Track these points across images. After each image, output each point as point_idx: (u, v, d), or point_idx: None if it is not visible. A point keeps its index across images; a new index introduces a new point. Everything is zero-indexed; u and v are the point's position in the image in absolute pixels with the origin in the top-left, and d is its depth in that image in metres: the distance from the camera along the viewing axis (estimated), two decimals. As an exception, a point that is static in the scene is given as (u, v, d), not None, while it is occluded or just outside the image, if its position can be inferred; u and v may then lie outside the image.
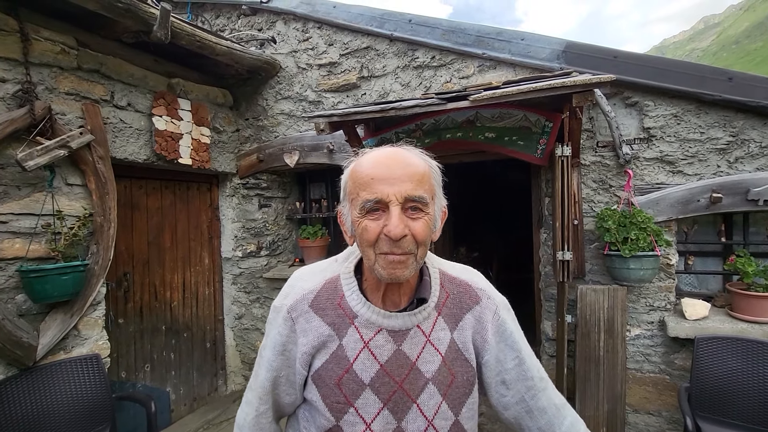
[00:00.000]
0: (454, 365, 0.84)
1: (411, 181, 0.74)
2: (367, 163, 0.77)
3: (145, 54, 2.81)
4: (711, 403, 2.13)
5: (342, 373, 0.81)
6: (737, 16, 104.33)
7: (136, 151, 2.70)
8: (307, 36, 3.29)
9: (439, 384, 0.82)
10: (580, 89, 1.79)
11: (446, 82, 2.92)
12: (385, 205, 0.73)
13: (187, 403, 3.26)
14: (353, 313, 0.83)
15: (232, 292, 3.61)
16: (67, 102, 2.32)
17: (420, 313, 0.84)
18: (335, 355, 0.82)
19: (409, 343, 0.82)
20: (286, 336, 0.84)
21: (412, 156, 0.78)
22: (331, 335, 0.82)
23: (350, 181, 0.79)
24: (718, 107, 2.31)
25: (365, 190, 0.74)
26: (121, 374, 2.79)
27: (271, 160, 3.40)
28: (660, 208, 2.40)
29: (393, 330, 0.82)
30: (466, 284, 0.90)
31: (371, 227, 0.74)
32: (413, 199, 0.74)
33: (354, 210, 0.77)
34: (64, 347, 2.27)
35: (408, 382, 0.81)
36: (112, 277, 2.70)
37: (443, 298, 0.87)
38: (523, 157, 2.62)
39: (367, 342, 0.82)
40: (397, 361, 0.81)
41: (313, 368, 0.83)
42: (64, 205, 2.26)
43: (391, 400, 0.80)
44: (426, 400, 0.81)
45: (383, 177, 0.74)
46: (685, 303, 2.37)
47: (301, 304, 0.85)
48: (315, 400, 0.82)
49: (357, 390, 0.80)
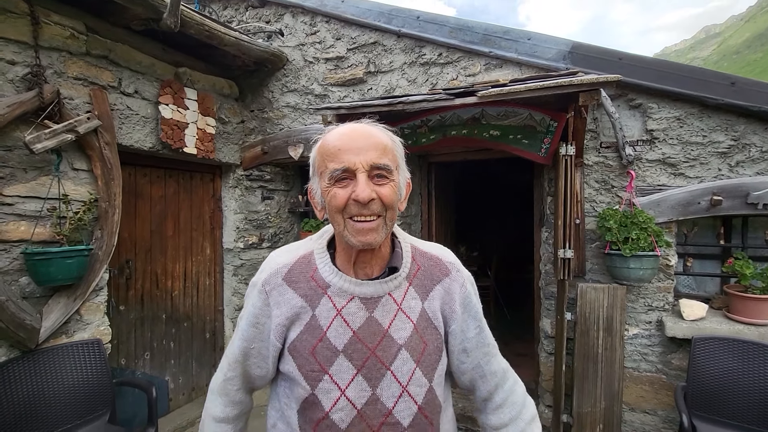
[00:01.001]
0: (425, 333, 0.87)
1: (375, 150, 0.79)
2: (333, 137, 0.82)
3: (153, 42, 2.81)
4: (707, 402, 2.16)
5: (316, 342, 0.83)
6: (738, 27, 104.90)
7: (142, 138, 2.70)
8: (314, 30, 3.30)
9: (411, 350, 0.84)
10: (587, 88, 1.81)
11: (452, 79, 2.94)
12: (352, 173, 0.78)
13: (185, 393, 3.27)
14: (326, 283, 0.86)
15: (232, 283, 3.62)
16: (75, 87, 2.33)
17: (391, 281, 0.87)
18: (309, 326, 0.84)
19: (380, 311, 0.85)
20: (260, 308, 0.87)
21: (375, 129, 0.83)
22: (304, 307, 0.84)
23: (318, 155, 0.84)
24: (720, 111, 2.34)
25: (333, 161, 0.79)
26: (120, 361, 2.80)
27: (276, 152, 3.40)
28: (661, 210, 2.43)
29: (365, 297, 0.85)
30: (436, 258, 0.94)
31: (340, 194, 0.78)
32: (378, 166, 0.78)
33: (323, 181, 0.81)
34: (66, 331, 2.28)
35: (381, 349, 0.83)
36: (114, 264, 2.70)
37: (414, 270, 0.90)
38: (527, 156, 2.65)
39: (340, 309, 0.84)
40: (369, 328, 0.84)
41: (288, 340, 0.85)
42: (69, 190, 2.27)
43: (365, 366, 0.82)
44: (399, 366, 0.83)
45: (349, 147, 0.78)
46: (683, 304, 2.40)
47: (274, 277, 0.87)
48: (291, 371, 0.84)
49: (330, 357, 0.82)
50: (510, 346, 4.43)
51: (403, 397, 0.82)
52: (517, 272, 6.32)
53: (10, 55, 2.04)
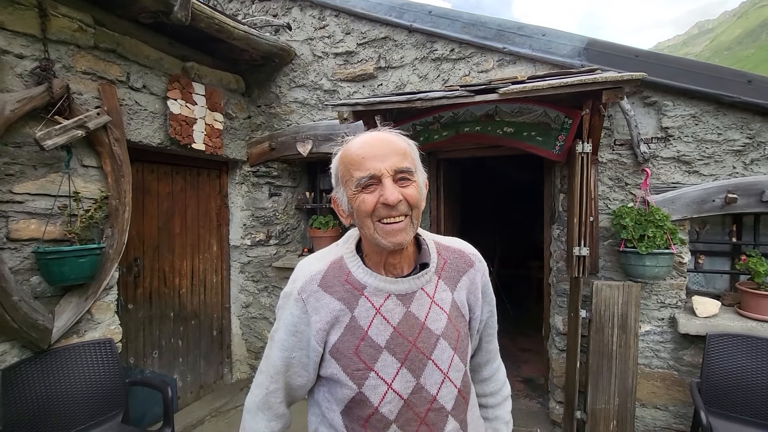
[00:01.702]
0: (457, 322, 0.93)
1: (397, 155, 0.83)
2: (356, 147, 0.85)
3: (161, 36, 2.75)
4: (721, 398, 2.18)
5: (358, 342, 0.85)
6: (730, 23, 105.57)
7: (151, 134, 2.65)
8: (323, 24, 3.25)
9: (448, 339, 0.89)
10: (611, 86, 1.80)
11: (465, 75, 2.91)
12: (377, 179, 0.82)
13: (193, 391, 3.24)
14: (361, 284, 0.88)
15: (239, 280, 3.59)
16: (83, 81, 2.27)
17: (423, 276, 0.91)
18: (349, 327, 0.86)
19: (416, 305, 0.89)
20: (298, 317, 0.88)
21: (393, 135, 0.87)
22: (342, 309, 0.87)
23: (341, 165, 0.87)
24: (736, 109, 2.34)
25: (358, 169, 0.82)
26: (129, 360, 2.77)
27: (283, 148, 3.36)
28: (675, 207, 2.44)
29: (400, 294, 0.89)
30: (459, 251, 1.00)
31: (368, 199, 0.82)
32: (402, 170, 0.83)
33: (349, 189, 0.85)
34: (77, 331, 2.24)
35: (420, 341, 0.87)
36: (123, 262, 2.66)
37: (441, 264, 0.95)
38: (541, 153, 2.64)
39: (378, 308, 0.87)
40: (407, 322, 0.87)
41: (329, 344, 0.87)
42: (80, 187, 2.22)
43: (408, 358, 0.86)
44: (439, 355, 0.88)
45: (373, 155, 0.82)
46: (696, 301, 2.42)
47: (310, 285, 0.89)
48: (335, 373, 0.86)
49: (374, 354, 0.85)
50: (515, 342, 4.46)
51: (445, 383, 0.88)
52: (519, 268, 6.34)
53: (18, 49, 1.99)
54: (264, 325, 3.55)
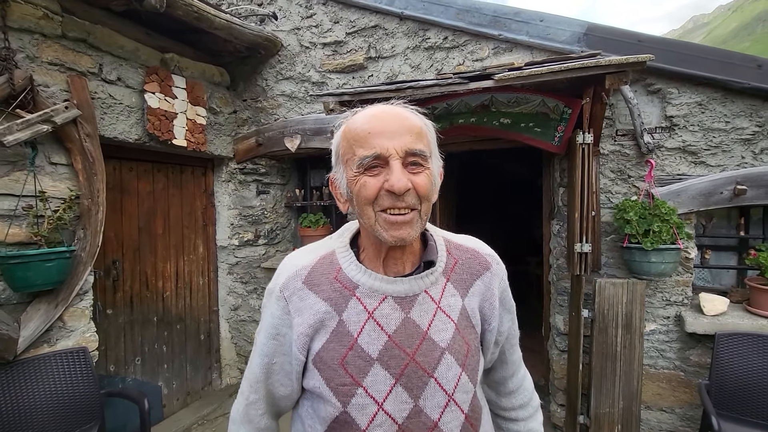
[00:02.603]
0: (466, 333, 0.79)
1: (410, 134, 0.70)
2: (362, 119, 0.72)
3: (137, 26, 2.59)
4: (731, 401, 2.07)
5: (346, 351, 0.73)
6: (726, 17, 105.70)
7: (127, 129, 2.50)
8: (311, 12, 3.10)
9: (455, 354, 0.75)
10: (615, 70, 1.67)
11: (459, 64, 2.77)
12: (384, 160, 0.69)
13: (180, 398, 3.11)
14: (353, 283, 0.76)
15: (227, 282, 3.45)
16: (50, 73, 2.12)
17: (427, 277, 0.77)
18: (336, 333, 0.74)
19: (418, 311, 0.75)
20: (279, 318, 0.77)
21: (408, 111, 0.74)
22: (328, 312, 0.74)
23: (343, 140, 0.74)
24: (745, 96, 2.22)
25: (362, 147, 0.70)
26: (109, 368, 2.63)
27: (271, 144, 3.22)
28: (681, 200, 2.32)
29: (399, 297, 0.75)
30: (473, 250, 0.86)
31: (370, 183, 0.69)
32: (414, 152, 0.69)
33: (349, 170, 0.72)
34: (48, 340, 2.10)
35: (421, 354, 0.73)
36: (100, 265, 2.52)
37: (451, 264, 0.82)
38: (539, 145, 2.51)
39: (372, 312, 0.74)
40: (406, 331, 0.74)
41: (312, 351, 0.75)
42: (47, 186, 2.07)
43: (404, 374, 0.72)
44: (444, 372, 0.74)
45: (381, 131, 0.69)
46: (703, 298, 2.30)
47: (293, 281, 0.77)
48: (318, 386, 0.74)
49: (364, 367, 0.72)
50: (514, 341, 4.34)
51: (449, 407, 0.73)
52: (517, 264, 6.24)
53: (-26, 37, 1.83)
54: (253, 327, 3.42)
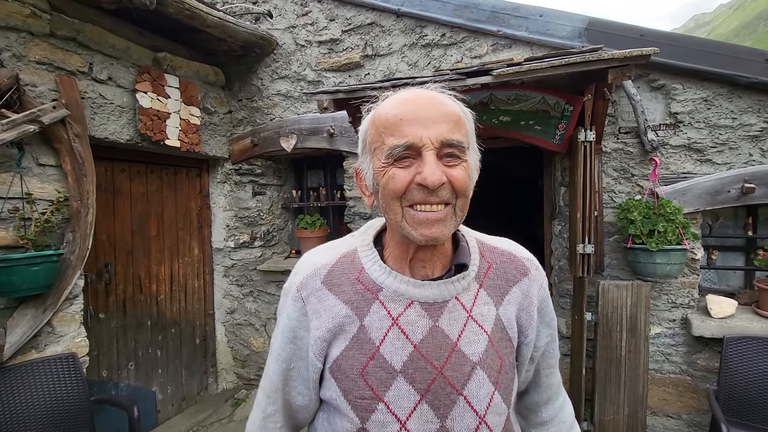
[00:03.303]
0: (500, 347, 0.71)
1: (447, 122, 0.62)
2: (393, 104, 0.65)
3: (128, 24, 2.54)
4: (741, 407, 2.00)
5: (366, 360, 0.66)
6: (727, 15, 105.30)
7: (118, 130, 2.45)
8: (306, 10, 3.05)
9: (488, 369, 0.68)
10: (618, 64, 1.60)
11: (457, 62, 2.71)
12: (416, 151, 0.62)
13: (175, 403, 3.05)
14: (376, 285, 0.69)
15: (223, 284, 3.40)
16: (38, 72, 2.07)
17: (458, 281, 0.70)
18: (357, 339, 0.67)
19: (447, 319, 0.68)
20: (296, 320, 0.71)
21: (445, 97, 0.66)
22: (349, 315, 0.68)
23: (371, 128, 0.67)
24: (752, 91, 2.15)
25: (393, 135, 0.62)
26: (102, 373, 2.57)
27: (267, 144, 3.17)
28: (686, 199, 2.25)
29: (427, 302, 0.68)
30: (509, 253, 0.78)
31: (400, 175, 0.62)
32: (451, 143, 0.62)
33: (377, 160, 0.65)
34: (36, 346, 2.05)
35: (450, 368, 0.66)
36: (91, 268, 2.46)
37: (485, 268, 0.74)
38: (540, 143, 2.45)
39: (396, 318, 0.67)
40: (434, 341, 0.67)
41: (330, 358, 0.69)
42: (35, 188, 2.02)
43: (431, 390, 0.65)
44: (475, 390, 0.66)
45: (414, 117, 0.62)
46: (711, 300, 2.23)
47: (312, 280, 0.71)
48: (334, 398, 0.68)
49: (387, 379, 0.65)
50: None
51: (480, 430, 0.66)
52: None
53: (-43, 35, 1.79)
54: (250, 331, 3.36)
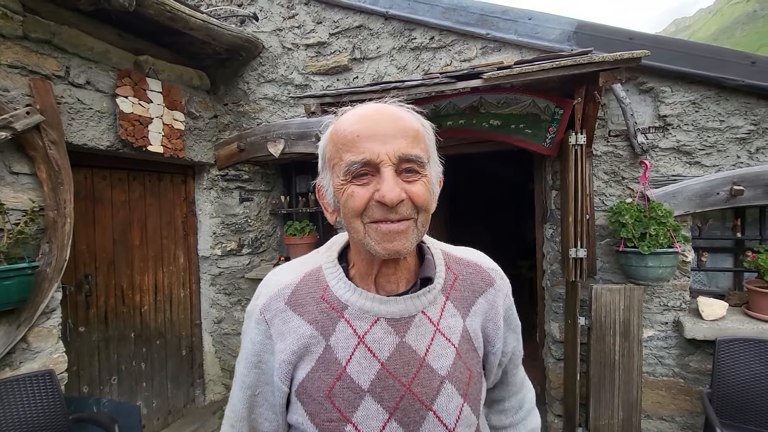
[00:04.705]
0: (468, 358, 0.72)
1: (405, 138, 0.62)
2: (351, 119, 0.64)
3: (108, 27, 2.46)
4: (734, 409, 2.00)
5: (333, 381, 0.66)
6: (706, 20, 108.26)
7: (98, 136, 2.36)
8: (293, 12, 2.99)
9: (456, 382, 0.69)
10: (609, 66, 1.59)
11: (446, 65, 2.69)
12: (375, 167, 0.61)
13: (160, 417, 2.95)
14: (341, 303, 0.68)
15: (210, 293, 3.31)
16: (10, 76, 1.98)
17: (424, 295, 0.70)
18: (322, 360, 0.67)
19: (414, 334, 0.68)
20: (260, 344, 0.69)
21: (403, 110, 0.66)
22: (314, 336, 0.67)
23: (330, 144, 0.66)
24: (739, 93, 2.17)
25: (350, 151, 0.62)
26: (82, 389, 2.47)
27: (254, 149, 3.10)
28: (677, 202, 2.25)
29: (393, 318, 0.68)
30: (474, 264, 0.78)
31: (358, 193, 0.62)
32: (409, 158, 0.62)
33: (336, 177, 0.64)
34: (11, 363, 1.95)
35: (418, 384, 0.66)
36: (70, 280, 2.37)
37: (451, 280, 0.74)
38: (531, 147, 2.43)
39: (363, 336, 0.67)
40: (401, 357, 0.67)
41: (296, 381, 0.68)
42: (7, 197, 1.93)
43: (399, 407, 0.65)
44: (444, 404, 0.67)
45: (371, 133, 0.62)
46: (702, 302, 2.24)
47: (275, 301, 0.70)
48: (301, 422, 0.67)
49: (354, 400, 0.65)
50: (508, 347, 4.25)
51: None
52: (508, 268, 6.15)
53: None
54: (238, 341, 3.27)
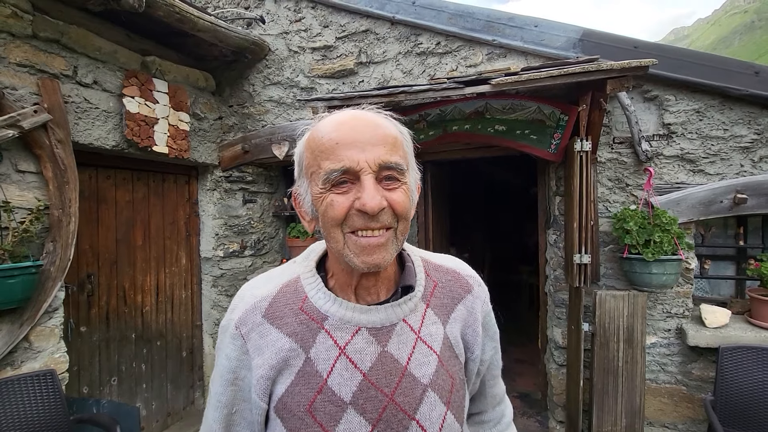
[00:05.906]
0: (450, 365, 0.71)
1: (384, 145, 0.62)
2: (329, 126, 0.63)
3: (116, 27, 2.47)
4: (737, 417, 1.99)
5: (314, 395, 0.64)
6: (705, 30, 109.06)
7: (104, 135, 2.37)
8: (299, 16, 3.01)
9: (439, 390, 0.68)
10: (617, 74, 1.60)
11: (452, 70, 2.71)
12: (354, 175, 0.61)
13: (159, 419, 2.93)
14: (321, 314, 0.67)
15: (212, 295, 3.30)
16: (18, 75, 1.98)
17: (405, 303, 0.70)
18: (303, 373, 0.65)
19: (396, 343, 0.67)
20: (237, 360, 0.67)
21: (381, 118, 0.66)
22: (293, 349, 0.65)
23: (307, 151, 0.65)
24: (743, 103, 2.19)
25: (328, 159, 0.61)
26: (82, 389, 2.45)
27: (258, 151, 3.10)
28: (680, 209, 2.26)
29: (374, 328, 0.67)
30: (453, 271, 0.79)
31: (338, 202, 0.61)
32: (389, 166, 0.61)
33: (314, 185, 0.63)
34: (12, 362, 1.94)
35: (401, 393, 0.65)
36: (73, 279, 2.36)
37: (431, 288, 0.74)
38: (535, 153, 2.45)
39: (344, 347, 0.66)
40: (383, 367, 0.66)
41: (275, 397, 0.65)
42: (13, 196, 1.92)
43: (382, 419, 0.64)
44: (427, 413, 0.66)
45: (350, 141, 0.61)
46: (705, 310, 2.24)
47: (252, 315, 0.67)
48: None
49: (336, 413, 0.63)
50: (507, 353, 4.24)
51: None
52: (510, 273, 6.17)
53: (-68, 34, 1.70)
54: (239, 343, 3.26)
